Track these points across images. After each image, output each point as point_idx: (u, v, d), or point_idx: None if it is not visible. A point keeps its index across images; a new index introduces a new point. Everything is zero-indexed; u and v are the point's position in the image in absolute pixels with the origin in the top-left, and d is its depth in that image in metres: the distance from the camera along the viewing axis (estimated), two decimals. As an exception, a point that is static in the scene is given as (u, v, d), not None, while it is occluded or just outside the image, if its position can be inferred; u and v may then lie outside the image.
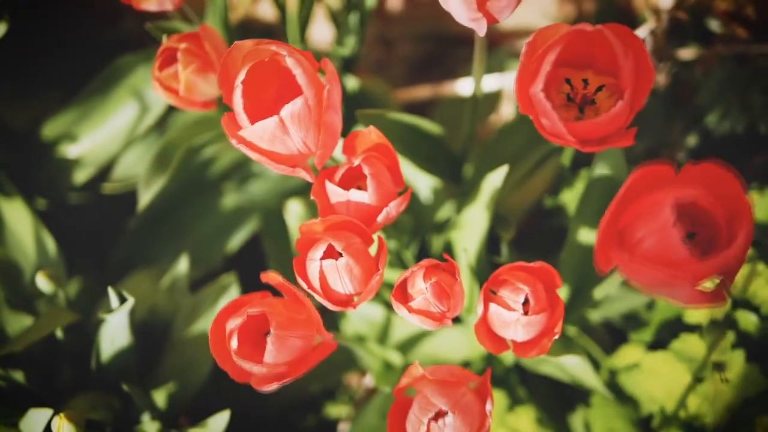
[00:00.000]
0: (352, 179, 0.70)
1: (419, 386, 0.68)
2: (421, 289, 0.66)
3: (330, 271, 0.65)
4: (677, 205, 0.56)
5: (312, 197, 0.69)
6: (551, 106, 0.61)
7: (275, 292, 0.69)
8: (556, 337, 0.65)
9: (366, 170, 0.68)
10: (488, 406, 0.67)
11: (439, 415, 0.66)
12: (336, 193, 0.68)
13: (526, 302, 0.66)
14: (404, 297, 0.67)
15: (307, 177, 0.66)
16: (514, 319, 0.65)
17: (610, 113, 0.61)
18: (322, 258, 0.65)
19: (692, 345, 0.85)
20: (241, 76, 0.64)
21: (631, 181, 0.58)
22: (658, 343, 0.90)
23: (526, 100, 0.64)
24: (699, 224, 0.61)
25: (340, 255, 0.65)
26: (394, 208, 0.68)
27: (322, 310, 0.69)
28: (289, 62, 0.64)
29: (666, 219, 0.56)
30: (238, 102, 0.64)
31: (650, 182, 0.59)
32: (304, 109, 0.63)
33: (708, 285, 0.58)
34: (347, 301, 0.67)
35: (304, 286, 0.66)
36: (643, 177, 0.58)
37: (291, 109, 0.63)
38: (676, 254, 0.56)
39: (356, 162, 0.68)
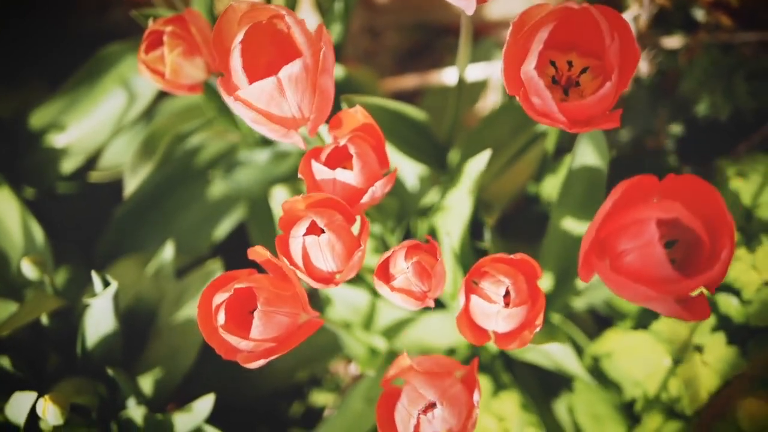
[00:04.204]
0: (339, 159, 0.71)
1: (407, 377, 0.68)
2: (402, 268, 0.66)
3: (312, 248, 0.66)
4: (661, 220, 0.57)
5: (299, 175, 0.69)
6: (544, 84, 0.61)
7: (261, 272, 0.69)
8: (538, 329, 0.66)
9: (352, 150, 0.68)
10: (476, 396, 0.67)
11: (429, 407, 0.66)
12: (322, 172, 0.69)
13: (507, 294, 0.66)
14: (386, 276, 0.68)
15: (300, 143, 0.67)
16: (495, 311, 0.66)
17: (599, 94, 0.61)
18: (305, 234, 0.66)
19: (671, 327, 0.86)
20: (240, 36, 0.64)
21: (617, 194, 0.59)
22: (641, 328, 0.90)
23: (513, 80, 0.64)
24: (680, 231, 0.61)
25: (323, 232, 0.65)
26: (379, 188, 0.68)
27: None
28: (289, 21, 0.64)
29: (651, 237, 0.56)
30: (236, 61, 0.65)
31: (634, 194, 0.59)
32: (302, 72, 0.64)
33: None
34: (329, 279, 0.68)
35: (287, 263, 0.66)
36: (629, 189, 0.59)
37: (290, 70, 0.63)
38: (660, 271, 0.56)
39: (342, 142, 0.69)
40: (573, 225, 0.84)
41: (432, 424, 0.66)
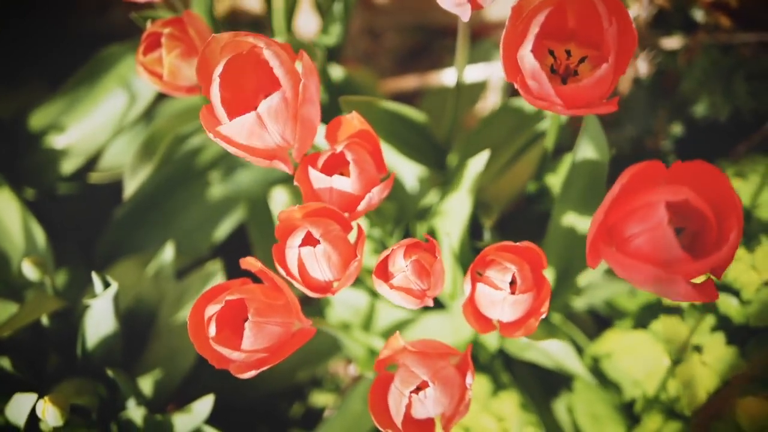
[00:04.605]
0: (335, 165, 0.71)
1: (400, 358, 0.68)
2: (401, 266, 0.67)
3: (308, 258, 0.66)
4: (670, 203, 0.57)
5: (296, 183, 0.69)
6: (539, 67, 0.61)
7: (256, 279, 0.70)
8: (543, 316, 0.66)
9: (349, 156, 0.68)
10: (468, 380, 0.67)
11: (420, 387, 0.66)
12: (319, 180, 0.69)
13: (512, 282, 0.66)
14: (385, 275, 0.68)
15: (285, 168, 0.67)
16: (501, 298, 0.66)
17: (595, 76, 0.61)
18: (301, 245, 0.66)
19: (671, 326, 0.86)
20: (219, 69, 0.64)
21: (625, 180, 0.59)
22: (640, 327, 0.91)
23: (512, 66, 0.65)
24: (688, 218, 0.61)
25: (319, 242, 0.65)
26: (376, 195, 0.69)
27: (306, 297, 0.70)
28: (267, 54, 0.64)
29: (660, 219, 0.56)
30: (215, 95, 0.64)
31: (641, 180, 0.59)
32: (281, 104, 0.63)
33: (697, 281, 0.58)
34: (326, 288, 0.68)
35: (283, 273, 0.66)
36: (636, 175, 0.59)
37: (268, 104, 0.63)
38: (670, 253, 0.56)
39: (339, 148, 0.69)
40: (574, 222, 0.84)
41: (424, 404, 0.66)
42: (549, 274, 0.90)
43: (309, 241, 0.66)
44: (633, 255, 0.58)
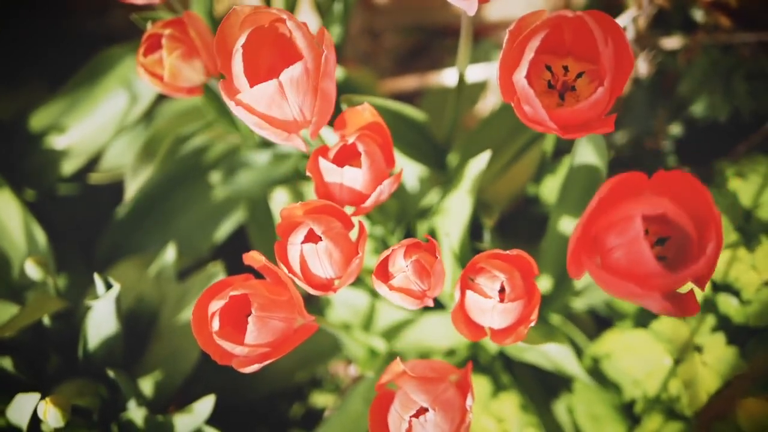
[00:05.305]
0: (346, 157, 0.71)
1: (400, 382, 0.68)
2: (401, 267, 0.66)
3: (310, 255, 0.66)
4: (648, 216, 0.57)
5: (307, 173, 0.69)
6: (534, 93, 0.61)
7: (258, 276, 0.70)
8: (532, 324, 0.66)
9: (360, 148, 0.68)
10: (468, 401, 0.67)
11: (421, 411, 0.66)
12: (330, 170, 0.69)
13: (502, 290, 0.66)
14: (385, 275, 0.68)
15: (301, 146, 0.67)
16: (491, 307, 0.66)
17: (591, 100, 0.61)
18: (303, 242, 0.66)
19: (671, 326, 0.86)
20: (242, 39, 0.64)
21: (604, 191, 0.59)
22: (640, 327, 0.91)
23: (508, 88, 0.65)
24: (671, 228, 0.62)
25: (320, 239, 0.65)
26: (386, 187, 0.68)
27: (306, 297, 0.70)
28: (290, 25, 0.64)
29: (636, 233, 0.56)
30: (237, 65, 0.65)
31: (623, 190, 0.60)
32: (303, 75, 0.64)
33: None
34: (328, 285, 0.68)
35: (285, 270, 0.66)
36: (617, 186, 0.59)
37: (291, 73, 0.63)
38: (646, 267, 0.56)
39: (350, 140, 0.69)
40: (572, 226, 0.84)
41: (424, 429, 0.66)
42: (548, 276, 0.90)
43: (311, 238, 0.66)
44: (612, 267, 0.58)
